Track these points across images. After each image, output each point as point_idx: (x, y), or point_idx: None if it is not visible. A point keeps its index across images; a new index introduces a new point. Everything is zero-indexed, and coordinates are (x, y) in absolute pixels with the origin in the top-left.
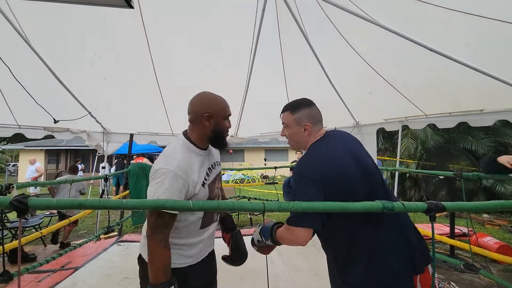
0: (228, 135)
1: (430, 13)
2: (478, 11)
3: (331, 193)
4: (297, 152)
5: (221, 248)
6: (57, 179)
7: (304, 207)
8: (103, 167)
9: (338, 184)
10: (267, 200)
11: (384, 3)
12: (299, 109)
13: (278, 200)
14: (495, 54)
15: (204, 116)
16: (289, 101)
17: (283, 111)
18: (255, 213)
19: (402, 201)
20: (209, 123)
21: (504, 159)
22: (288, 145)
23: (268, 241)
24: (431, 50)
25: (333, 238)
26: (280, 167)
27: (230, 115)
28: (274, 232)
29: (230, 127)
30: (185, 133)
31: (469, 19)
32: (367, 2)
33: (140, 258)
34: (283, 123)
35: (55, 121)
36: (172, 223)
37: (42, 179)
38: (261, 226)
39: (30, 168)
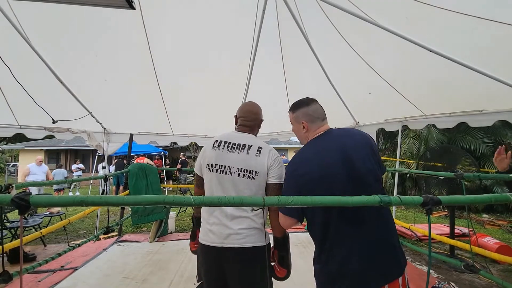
0: None
1: (429, 14)
2: (477, 12)
3: (307, 190)
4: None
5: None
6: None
7: (301, 201)
8: (103, 167)
9: (314, 184)
10: None
11: (384, 3)
12: (298, 108)
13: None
14: (494, 55)
15: (261, 121)
16: (292, 101)
17: (288, 111)
18: (255, 208)
19: (399, 195)
20: (259, 127)
21: None
22: (288, 145)
23: None
24: (430, 51)
25: (310, 227)
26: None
27: None
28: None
29: None
30: (252, 134)
31: (469, 20)
32: (367, 3)
33: (256, 248)
34: (290, 120)
35: (54, 121)
36: None
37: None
38: None
39: (37, 169)
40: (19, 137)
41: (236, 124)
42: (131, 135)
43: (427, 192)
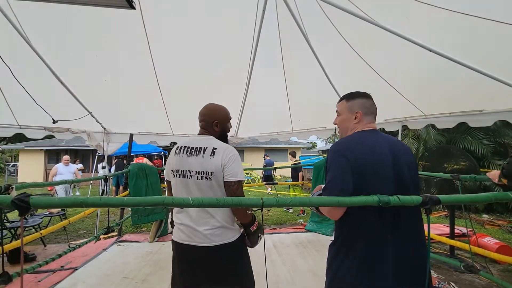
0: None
1: (429, 14)
2: (477, 12)
3: (359, 174)
4: (290, 158)
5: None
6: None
7: (300, 202)
8: (103, 167)
9: (367, 171)
10: None
11: (384, 3)
12: (354, 98)
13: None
14: (494, 55)
15: (213, 123)
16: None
17: (339, 100)
18: (254, 209)
19: (398, 195)
20: (217, 128)
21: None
22: (288, 145)
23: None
24: (430, 51)
25: (342, 224)
26: (280, 167)
27: (231, 118)
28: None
29: (231, 127)
30: (211, 135)
31: (469, 20)
32: (367, 3)
33: (223, 245)
34: (337, 111)
35: (54, 121)
36: None
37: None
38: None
39: (64, 169)
40: (19, 137)
41: None
42: (131, 135)
43: (427, 192)
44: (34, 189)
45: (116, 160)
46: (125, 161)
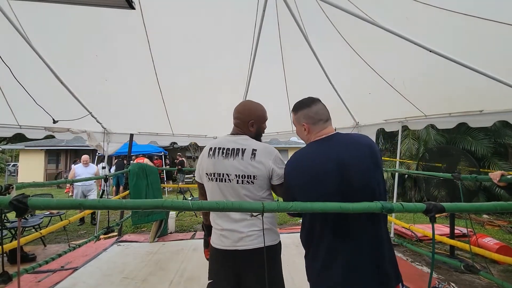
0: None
1: (429, 14)
2: (477, 12)
3: (296, 193)
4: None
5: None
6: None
7: (302, 207)
8: (103, 167)
9: (303, 190)
10: None
11: (384, 4)
12: (299, 109)
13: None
14: (494, 55)
15: (249, 123)
16: (293, 101)
17: (291, 111)
18: (254, 214)
19: (401, 202)
20: (253, 128)
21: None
22: (288, 145)
23: None
24: (430, 51)
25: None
26: None
27: (267, 119)
28: None
29: (266, 128)
30: (247, 134)
31: (469, 20)
32: (367, 3)
33: (271, 247)
34: (292, 122)
35: (54, 121)
36: None
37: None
38: None
39: (83, 170)
40: (19, 137)
41: None
42: (131, 135)
43: (427, 192)
44: (34, 189)
45: (116, 160)
46: (125, 161)
